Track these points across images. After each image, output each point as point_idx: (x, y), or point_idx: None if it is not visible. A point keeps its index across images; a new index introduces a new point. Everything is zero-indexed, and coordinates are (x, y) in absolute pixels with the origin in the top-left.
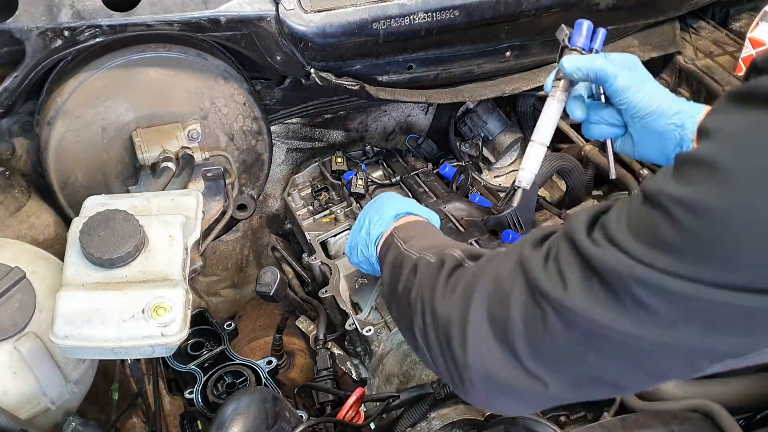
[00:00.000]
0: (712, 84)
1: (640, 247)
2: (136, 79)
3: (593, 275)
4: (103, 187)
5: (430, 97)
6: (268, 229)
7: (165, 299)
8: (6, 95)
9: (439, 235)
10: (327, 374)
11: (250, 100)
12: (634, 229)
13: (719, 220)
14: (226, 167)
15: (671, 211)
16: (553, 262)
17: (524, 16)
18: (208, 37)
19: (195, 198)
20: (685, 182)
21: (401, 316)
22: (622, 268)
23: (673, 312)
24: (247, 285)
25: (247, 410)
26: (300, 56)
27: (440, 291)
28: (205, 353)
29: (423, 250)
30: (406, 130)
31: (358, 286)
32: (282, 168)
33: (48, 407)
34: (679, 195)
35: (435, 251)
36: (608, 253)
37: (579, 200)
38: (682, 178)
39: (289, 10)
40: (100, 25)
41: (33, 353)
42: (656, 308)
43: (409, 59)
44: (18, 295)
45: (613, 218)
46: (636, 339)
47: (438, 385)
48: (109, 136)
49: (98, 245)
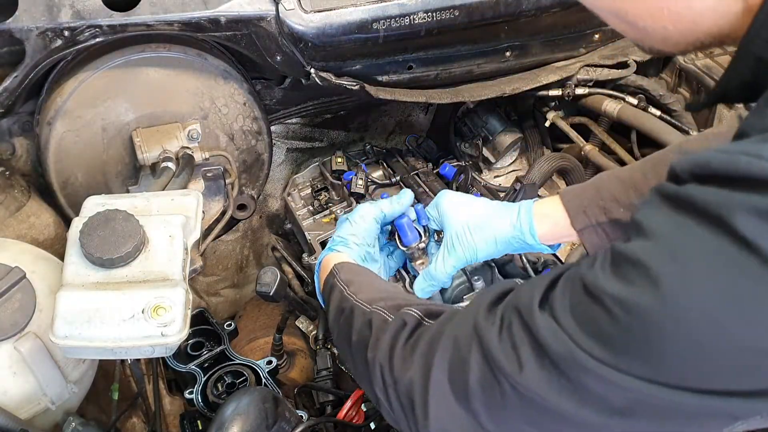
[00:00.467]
0: (712, 84)
1: (581, 334)
2: (136, 79)
3: (545, 355)
4: (103, 187)
5: (430, 97)
6: (268, 229)
7: (165, 299)
8: (6, 95)
9: (383, 283)
10: (327, 374)
11: (250, 100)
12: (576, 316)
13: (651, 320)
14: (226, 167)
15: (609, 307)
16: (506, 334)
17: (524, 16)
18: (208, 37)
19: (195, 198)
20: (622, 280)
21: (358, 369)
22: (568, 353)
23: (617, 400)
24: (247, 285)
25: (247, 410)
26: (300, 56)
27: (399, 353)
28: (205, 353)
29: (374, 302)
30: (406, 130)
31: None
32: (282, 168)
33: (48, 407)
34: (616, 293)
35: (388, 306)
36: (556, 334)
37: None
38: (619, 275)
39: (289, 10)
40: (100, 25)
41: (33, 353)
42: (602, 395)
43: (409, 59)
44: (18, 295)
45: (557, 298)
46: (588, 421)
47: None
48: (109, 136)
49: (98, 245)
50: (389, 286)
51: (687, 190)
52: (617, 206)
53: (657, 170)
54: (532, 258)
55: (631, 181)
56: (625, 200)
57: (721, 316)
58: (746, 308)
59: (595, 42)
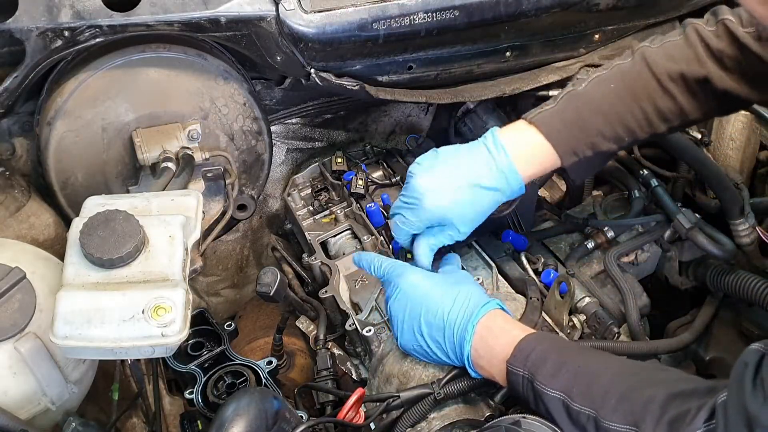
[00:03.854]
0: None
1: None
2: (136, 80)
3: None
4: (103, 187)
5: (430, 97)
6: (268, 229)
7: (165, 299)
8: (6, 95)
9: (583, 358)
10: (327, 374)
11: (250, 100)
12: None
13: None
14: (226, 167)
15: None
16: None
17: (524, 17)
18: (208, 37)
19: (195, 198)
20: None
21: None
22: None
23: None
24: (247, 285)
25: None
26: (300, 56)
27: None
28: (205, 353)
29: (598, 407)
30: (406, 130)
31: (358, 287)
32: (282, 168)
33: (48, 407)
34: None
35: (625, 412)
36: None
37: (579, 200)
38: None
39: (289, 10)
40: (100, 25)
41: (33, 353)
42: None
43: (409, 59)
44: (18, 295)
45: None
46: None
47: (438, 384)
48: (109, 137)
49: (98, 245)
50: (600, 370)
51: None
52: (603, 140)
53: (631, 90)
54: (532, 258)
55: (613, 111)
56: (611, 133)
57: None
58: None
59: (595, 42)
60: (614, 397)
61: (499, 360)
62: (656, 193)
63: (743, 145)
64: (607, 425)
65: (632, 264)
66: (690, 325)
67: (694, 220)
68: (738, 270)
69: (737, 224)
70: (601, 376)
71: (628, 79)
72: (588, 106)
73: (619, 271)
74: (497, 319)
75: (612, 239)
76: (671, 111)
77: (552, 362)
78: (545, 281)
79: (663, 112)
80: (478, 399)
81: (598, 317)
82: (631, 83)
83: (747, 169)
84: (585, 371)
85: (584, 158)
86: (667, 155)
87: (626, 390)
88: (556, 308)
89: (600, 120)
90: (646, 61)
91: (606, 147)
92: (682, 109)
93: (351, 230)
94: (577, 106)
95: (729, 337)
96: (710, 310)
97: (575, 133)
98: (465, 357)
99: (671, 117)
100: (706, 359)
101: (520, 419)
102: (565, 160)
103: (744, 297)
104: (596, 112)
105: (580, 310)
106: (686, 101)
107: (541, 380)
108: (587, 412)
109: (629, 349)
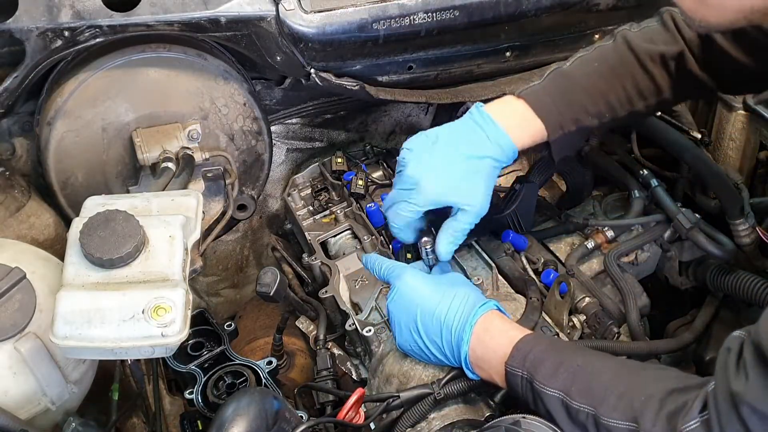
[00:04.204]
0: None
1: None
2: (136, 80)
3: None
4: (103, 187)
5: (430, 97)
6: (268, 229)
7: (165, 300)
8: (6, 95)
9: (579, 358)
10: (327, 374)
11: (250, 100)
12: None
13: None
14: (226, 167)
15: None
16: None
17: (524, 17)
18: (208, 37)
19: (195, 198)
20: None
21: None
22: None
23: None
24: (247, 285)
25: (247, 410)
26: (300, 56)
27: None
28: (205, 353)
29: (597, 404)
30: (406, 130)
31: (358, 287)
32: (282, 168)
33: (48, 407)
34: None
35: (624, 409)
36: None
37: (579, 200)
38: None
39: (289, 11)
40: (100, 25)
41: (33, 353)
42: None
43: (409, 59)
44: (18, 295)
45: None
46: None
47: (438, 384)
48: (109, 137)
49: (98, 245)
50: (596, 369)
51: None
52: (586, 115)
53: (613, 69)
54: (532, 258)
55: (596, 89)
56: (593, 109)
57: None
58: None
59: (595, 42)
60: (613, 395)
61: (497, 361)
62: (656, 193)
63: (743, 145)
64: (607, 422)
65: (632, 264)
66: (690, 325)
67: (694, 220)
68: (738, 270)
69: (737, 224)
70: (600, 375)
71: (611, 59)
72: (573, 83)
73: (619, 271)
74: (494, 320)
75: (612, 239)
76: (649, 90)
77: (550, 362)
78: (545, 281)
79: (642, 91)
80: (478, 399)
81: (598, 317)
82: (614, 63)
83: (747, 169)
84: (584, 370)
85: (567, 133)
86: (667, 155)
87: (625, 388)
88: (556, 308)
89: (584, 96)
90: (629, 43)
91: (588, 122)
92: (660, 88)
93: (351, 230)
94: (563, 83)
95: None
96: (710, 310)
97: (561, 108)
98: (462, 358)
99: (648, 95)
100: (706, 359)
101: (520, 419)
102: (552, 133)
103: (744, 297)
104: (581, 89)
105: (580, 311)
106: (663, 81)
107: (540, 380)
108: (586, 410)
109: (629, 349)
